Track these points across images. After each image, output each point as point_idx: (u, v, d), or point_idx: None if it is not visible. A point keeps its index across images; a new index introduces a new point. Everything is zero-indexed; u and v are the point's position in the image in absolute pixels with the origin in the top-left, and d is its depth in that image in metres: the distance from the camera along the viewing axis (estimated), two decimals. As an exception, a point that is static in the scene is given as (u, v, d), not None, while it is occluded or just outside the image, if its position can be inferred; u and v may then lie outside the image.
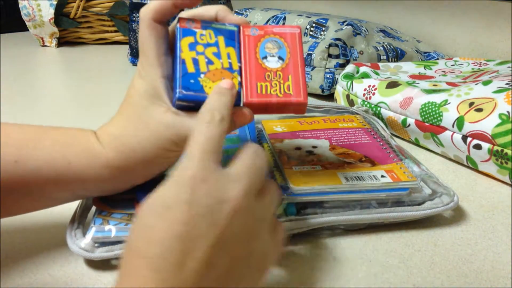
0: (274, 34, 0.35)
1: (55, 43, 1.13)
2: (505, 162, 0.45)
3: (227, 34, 0.34)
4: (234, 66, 0.33)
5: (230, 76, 0.33)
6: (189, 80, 0.32)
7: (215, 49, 0.33)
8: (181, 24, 0.33)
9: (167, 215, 0.22)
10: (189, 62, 0.32)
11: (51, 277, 0.33)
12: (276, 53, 0.34)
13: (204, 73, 0.32)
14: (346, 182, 0.38)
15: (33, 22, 1.10)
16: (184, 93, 0.31)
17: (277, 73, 0.34)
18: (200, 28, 0.33)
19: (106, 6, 1.11)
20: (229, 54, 0.33)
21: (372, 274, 0.34)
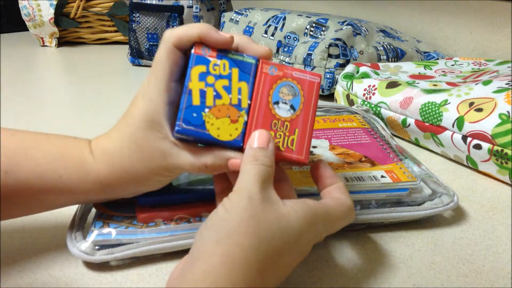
0: (292, 79, 0.33)
1: (55, 43, 1.13)
2: (505, 162, 0.45)
3: (243, 67, 0.32)
4: (243, 103, 0.31)
5: (236, 114, 0.31)
6: (191, 113, 0.30)
7: (226, 82, 0.31)
8: (196, 50, 0.31)
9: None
10: (196, 93, 0.31)
11: (51, 277, 0.33)
12: (289, 101, 0.32)
13: (209, 108, 0.31)
14: (346, 182, 0.38)
15: (33, 22, 1.10)
16: (184, 126, 0.30)
17: (284, 123, 0.32)
18: (215, 57, 0.31)
19: (106, 6, 1.11)
20: (241, 89, 0.32)
21: (372, 274, 0.34)
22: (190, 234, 0.34)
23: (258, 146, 0.30)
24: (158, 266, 0.34)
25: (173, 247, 0.34)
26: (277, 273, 0.27)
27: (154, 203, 0.36)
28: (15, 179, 0.31)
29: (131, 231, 0.34)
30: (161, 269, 0.34)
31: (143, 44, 0.93)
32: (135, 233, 0.34)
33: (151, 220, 0.35)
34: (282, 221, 0.27)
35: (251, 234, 0.26)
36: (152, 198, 0.35)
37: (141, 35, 0.92)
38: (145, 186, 0.33)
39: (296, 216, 0.28)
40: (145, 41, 0.92)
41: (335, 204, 0.31)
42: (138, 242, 0.34)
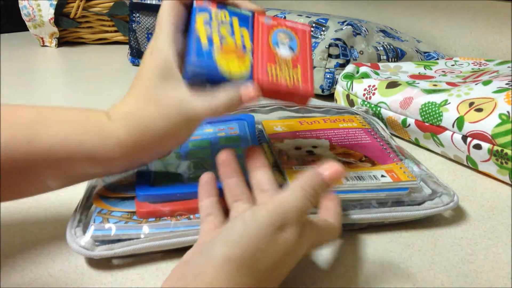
0: (286, 27, 0.36)
1: (55, 43, 1.13)
2: (505, 162, 0.45)
3: (241, 18, 0.35)
4: (247, 45, 0.34)
5: (242, 54, 0.33)
6: (203, 55, 0.32)
7: (229, 28, 0.34)
8: (198, 2, 0.34)
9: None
10: (204, 37, 0.33)
11: (51, 277, 0.33)
12: (287, 43, 0.35)
13: (217, 48, 0.33)
14: (346, 181, 0.38)
15: (33, 22, 1.10)
16: (198, 67, 0.32)
17: (286, 60, 0.34)
18: (216, 8, 0.34)
19: (106, 6, 1.11)
20: (243, 34, 0.34)
21: (372, 274, 0.34)
22: (191, 230, 0.34)
23: (328, 177, 0.30)
24: (158, 265, 0.34)
25: (174, 244, 0.34)
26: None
27: (154, 198, 0.36)
28: (38, 147, 0.30)
29: (131, 226, 0.34)
30: (161, 269, 0.34)
31: (143, 44, 0.93)
32: (135, 228, 0.34)
33: (151, 215, 0.35)
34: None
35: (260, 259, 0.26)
36: (152, 193, 0.36)
37: (141, 35, 0.92)
38: (164, 144, 0.33)
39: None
40: (145, 41, 0.92)
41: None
42: (138, 237, 0.34)
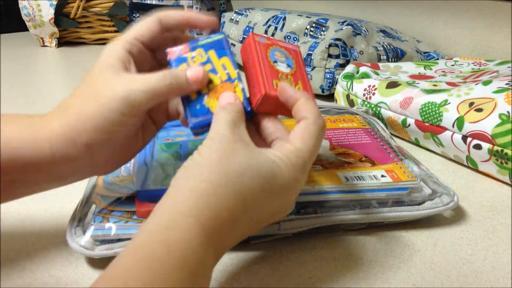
0: (280, 46, 0.36)
1: (55, 43, 1.13)
2: (505, 162, 0.45)
3: (216, 46, 0.34)
4: (232, 75, 0.33)
5: (231, 87, 0.33)
6: (195, 107, 0.33)
7: (209, 66, 0.33)
8: (170, 55, 0.34)
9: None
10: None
11: (51, 277, 0.33)
12: (284, 61, 0.35)
13: (206, 94, 0.33)
14: (346, 181, 0.38)
15: (33, 22, 1.10)
16: (194, 121, 0.32)
17: (288, 76, 0.34)
18: (190, 51, 0.34)
19: (106, 6, 1.11)
20: (224, 65, 0.34)
21: (372, 274, 0.34)
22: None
23: (226, 102, 0.31)
24: (158, 266, 0.34)
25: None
26: (253, 216, 0.28)
27: (154, 198, 0.36)
28: None
29: (131, 226, 0.34)
30: (161, 269, 0.34)
31: (143, 44, 0.92)
32: (135, 227, 0.34)
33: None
34: (253, 160, 0.28)
35: (220, 171, 0.27)
36: (152, 192, 0.36)
37: (141, 35, 0.92)
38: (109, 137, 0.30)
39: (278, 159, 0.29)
40: (145, 41, 0.92)
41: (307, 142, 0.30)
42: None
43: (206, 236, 0.25)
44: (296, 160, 0.29)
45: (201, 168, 0.27)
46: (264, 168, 0.28)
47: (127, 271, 0.22)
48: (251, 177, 0.27)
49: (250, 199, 0.27)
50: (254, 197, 0.27)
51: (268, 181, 0.28)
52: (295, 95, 0.32)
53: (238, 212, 0.27)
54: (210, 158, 0.27)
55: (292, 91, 0.32)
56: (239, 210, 0.27)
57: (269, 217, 0.30)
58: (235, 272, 0.34)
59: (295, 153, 0.29)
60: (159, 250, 0.23)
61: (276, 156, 0.29)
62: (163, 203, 0.26)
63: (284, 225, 0.36)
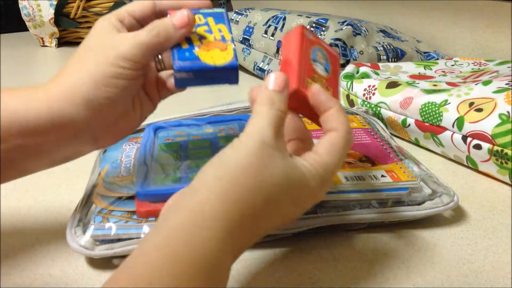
0: (323, 47, 0.36)
1: (55, 43, 1.13)
2: (505, 162, 0.45)
3: (216, 16, 0.36)
4: (226, 36, 0.34)
5: (224, 45, 0.34)
6: (184, 53, 0.33)
7: (206, 27, 0.35)
8: (170, 12, 0.34)
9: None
10: (183, 42, 0.34)
11: (51, 277, 0.33)
12: (323, 64, 0.35)
13: (198, 46, 0.34)
14: (346, 181, 0.38)
15: (33, 22, 1.10)
16: (181, 64, 0.33)
17: (322, 79, 0.34)
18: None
19: (106, 6, 1.11)
20: (220, 29, 0.35)
21: (372, 274, 0.34)
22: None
23: (274, 89, 0.29)
24: (158, 266, 0.34)
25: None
26: (271, 222, 0.28)
27: (154, 198, 0.36)
28: None
29: (131, 226, 0.34)
30: (161, 269, 0.34)
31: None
32: (135, 227, 0.34)
33: (151, 215, 0.35)
34: (288, 170, 0.27)
35: (254, 177, 0.26)
36: (152, 192, 0.36)
37: (141, 35, 0.92)
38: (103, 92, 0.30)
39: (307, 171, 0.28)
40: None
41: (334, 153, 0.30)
42: (138, 237, 0.34)
43: (229, 239, 0.25)
44: (323, 174, 0.29)
45: (235, 170, 0.26)
46: (295, 180, 0.28)
47: (149, 268, 0.22)
48: (282, 187, 0.27)
49: (275, 208, 0.27)
50: (279, 206, 0.28)
51: (295, 193, 0.28)
52: (328, 102, 0.31)
53: (261, 219, 0.27)
54: (247, 160, 0.26)
55: (326, 97, 0.31)
56: (263, 216, 0.27)
57: (284, 222, 0.30)
58: (235, 272, 0.34)
59: (324, 167, 0.29)
60: (184, 252, 0.23)
61: (305, 167, 0.28)
62: (189, 199, 0.26)
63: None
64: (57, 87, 0.30)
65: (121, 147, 0.45)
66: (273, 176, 0.26)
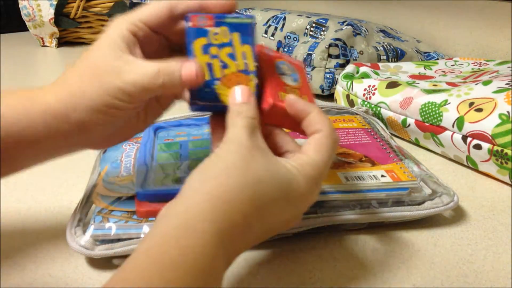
0: (286, 60, 0.35)
1: (55, 43, 1.13)
2: (505, 162, 0.45)
3: (243, 29, 0.31)
4: (250, 67, 0.31)
5: (246, 80, 0.31)
6: (203, 89, 0.31)
7: (230, 50, 0.31)
8: (192, 22, 0.30)
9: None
10: (204, 68, 0.31)
11: (51, 277, 0.33)
12: (290, 75, 0.34)
13: (219, 80, 0.31)
14: (346, 181, 0.38)
15: (33, 22, 1.10)
16: (200, 104, 0.31)
17: (294, 89, 0.33)
18: (213, 26, 0.31)
19: (106, 6, 1.11)
20: (245, 54, 0.31)
21: (372, 274, 0.34)
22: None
23: (241, 102, 0.30)
24: (158, 266, 0.34)
25: (173, 247, 0.34)
26: (265, 223, 0.28)
27: (154, 198, 0.36)
28: None
29: (131, 226, 0.34)
30: (161, 269, 0.34)
31: (143, 44, 0.92)
32: (135, 227, 0.34)
33: (151, 215, 0.35)
34: (271, 167, 0.28)
35: (237, 175, 0.26)
36: (152, 192, 0.36)
37: (141, 35, 0.92)
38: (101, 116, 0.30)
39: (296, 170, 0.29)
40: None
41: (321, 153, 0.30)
42: (138, 237, 0.34)
43: (220, 242, 0.25)
44: (312, 172, 0.29)
45: (218, 172, 0.27)
46: (281, 177, 0.28)
47: (140, 274, 0.22)
48: (268, 184, 0.27)
49: (265, 206, 0.27)
50: (269, 205, 0.27)
51: (284, 190, 0.28)
52: (306, 108, 0.31)
53: (252, 219, 0.27)
54: (228, 162, 0.27)
55: (303, 103, 0.31)
56: (254, 216, 0.27)
57: (281, 225, 0.30)
58: (235, 272, 0.34)
59: (312, 165, 0.29)
60: (173, 254, 0.23)
61: (292, 166, 0.29)
62: (177, 205, 0.26)
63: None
64: (55, 103, 0.30)
65: (121, 147, 0.45)
66: (256, 173, 0.27)
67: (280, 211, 0.28)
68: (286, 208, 0.29)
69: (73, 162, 0.51)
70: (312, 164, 0.29)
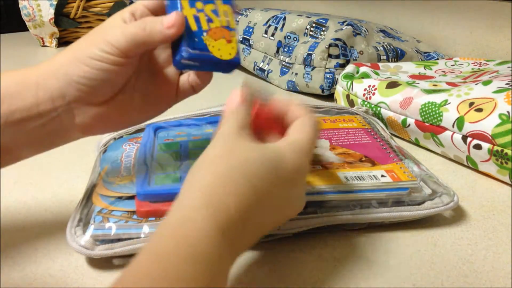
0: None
1: (55, 43, 1.13)
2: (505, 162, 0.45)
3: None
4: (231, 24, 0.34)
5: (228, 35, 0.34)
6: (193, 38, 0.33)
7: (213, 6, 0.34)
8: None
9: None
10: (191, 19, 0.33)
11: (51, 277, 0.33)
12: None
13: (206, 31, 0.33)
14: (346, 181, 0.38)
15: (33, 22, 1.10)
16: (190, 51, 0.32)
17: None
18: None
19: (106, 6, 1.11)
20: (226, 12, 0.35)
21: (372, 274, 0.34)
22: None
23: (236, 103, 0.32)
24: (158, 266, 0.34)
25: (173, 246, 0.34)
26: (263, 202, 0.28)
27: (154, 198, 0.36)
28: None
29: (131, 226, 0.34)
30: (161, 269, 0.34)
31: (143, 44, 0.92)
32: (135, 227, 0.34)
33: (151, 215, 0.35)
34: (257, 148, 0.29)
35: (224, 162, 0.28)
36: (152, 192, 0.36)
37: (141, 35, 0.92)
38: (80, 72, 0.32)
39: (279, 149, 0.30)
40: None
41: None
42: (138, 237, 0.34)
43: (217, 227, 0.25)
44: (299, 148, 0.30)
45: (206, 163, 0.28)
46: (268, 153, 0.29)
47: (139, 269, 0.23)
48: (256, 160, 0.28)
49: (259, 184, 0.28)
50: (262, 182, 0.28)
51: (273, 165, 0.29)
52: (287, 103, 0.34)
53: (248, 200, 0.27)
54: (215, 153, 0.29)
55: (282, 101, 0.34)
56: (249, 196, 0.27)
57: (281, 209, 0.30)
58: (235, 272, 0.34)
59: (297, 142, 0.31)
60: (168, 243, 0.24)
61: (278, 145, 0.30)
62: (175, 202, 0.27)
63: (284, 225, 0.36)
64: (46, 65, 0.32)
65: (121, 147, 0.45)
66: (242, 155, 0.28)
67: (274, 188, 0.29)
68: (280, 186, 0.29)
69: (73, 162, 0.51)
70: (297, 141, 0.31)
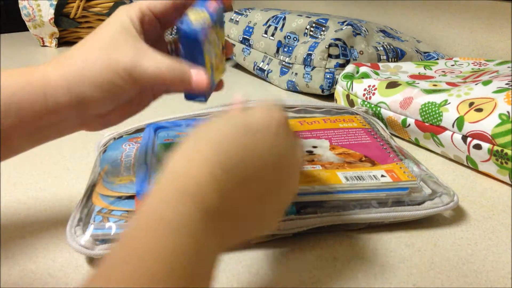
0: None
1: (55, 43, 1.13)
2: (505, 162, 0.45)
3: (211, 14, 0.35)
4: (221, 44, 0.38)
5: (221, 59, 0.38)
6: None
7: (215, 39, 0.36)
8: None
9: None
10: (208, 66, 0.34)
11: (51, 277, 0.33)
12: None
13: (214, 68, 0.36)
14: (346, 181, 0.38)
15: (33, 22, 1.10)
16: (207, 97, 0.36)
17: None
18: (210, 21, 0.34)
19: (106, 6, 1.11)
20: (218, 37, 0.37)
21: (372, 274, 0.34)
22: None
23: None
24: (158, 266, 0.34)
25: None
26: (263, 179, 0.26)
27: None
28: None
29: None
30: (161, 269, 0.34)
31: (143, 44, 0.92)
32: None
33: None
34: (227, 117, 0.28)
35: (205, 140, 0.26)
36: None
37: (141, 35, 0.92)
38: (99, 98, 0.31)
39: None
40: (145, 41, 0.92)
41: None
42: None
43: (193, 204, 0.23)
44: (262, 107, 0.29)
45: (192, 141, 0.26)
46: (235, 118, 0.27)
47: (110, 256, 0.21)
48: (219, 122, 0.27)
49: (234, 149, 0.25)
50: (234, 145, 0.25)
51: (241, 122, 0.27)
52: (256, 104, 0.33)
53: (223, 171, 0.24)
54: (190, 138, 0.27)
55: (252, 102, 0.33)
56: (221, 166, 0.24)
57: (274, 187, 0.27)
58: (235, 272, 0.34)
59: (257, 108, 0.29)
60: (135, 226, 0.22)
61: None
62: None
63: (284, 225, 0.36)
64: (56, 77, 0.30)
65: (121, 147, 0.45)
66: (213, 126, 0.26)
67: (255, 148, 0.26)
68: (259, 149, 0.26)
69: (73, 162, 0.51)
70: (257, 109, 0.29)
